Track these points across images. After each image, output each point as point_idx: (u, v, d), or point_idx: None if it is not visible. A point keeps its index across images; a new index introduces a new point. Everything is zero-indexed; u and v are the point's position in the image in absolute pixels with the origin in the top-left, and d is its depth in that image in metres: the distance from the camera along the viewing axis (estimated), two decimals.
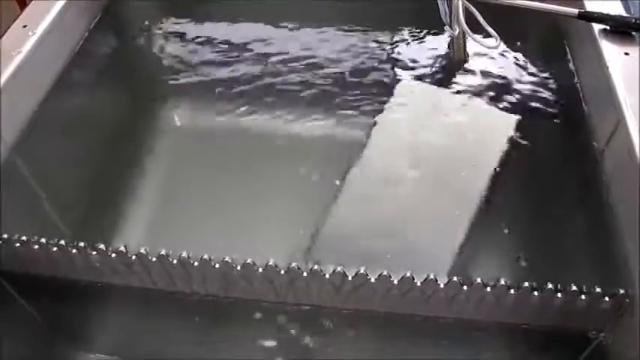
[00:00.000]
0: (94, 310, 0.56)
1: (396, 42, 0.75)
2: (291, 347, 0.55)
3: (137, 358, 0.57)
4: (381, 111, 0.67)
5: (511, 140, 0.63)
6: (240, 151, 0.68)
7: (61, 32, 0.63)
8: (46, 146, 0.60)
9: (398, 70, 0.72)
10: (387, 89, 0.69)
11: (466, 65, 0.70)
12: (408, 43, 0.74)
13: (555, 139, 0.64)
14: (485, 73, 0.69)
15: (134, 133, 0.72)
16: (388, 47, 0.75)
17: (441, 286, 0.44)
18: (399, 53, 0.73)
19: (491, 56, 0.71)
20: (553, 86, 0.67)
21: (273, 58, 0.75)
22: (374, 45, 0.75)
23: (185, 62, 0.75)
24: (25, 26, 0.60)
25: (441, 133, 0.65)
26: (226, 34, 0.77)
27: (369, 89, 0.71)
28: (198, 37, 0.77)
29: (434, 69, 0.71)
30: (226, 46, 0.76)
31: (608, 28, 0.58)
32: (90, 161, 0.65)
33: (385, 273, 0.44)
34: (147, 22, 0.78)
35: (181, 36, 0.77)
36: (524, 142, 0.63)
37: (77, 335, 0.59)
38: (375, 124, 0.66)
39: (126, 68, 0.77)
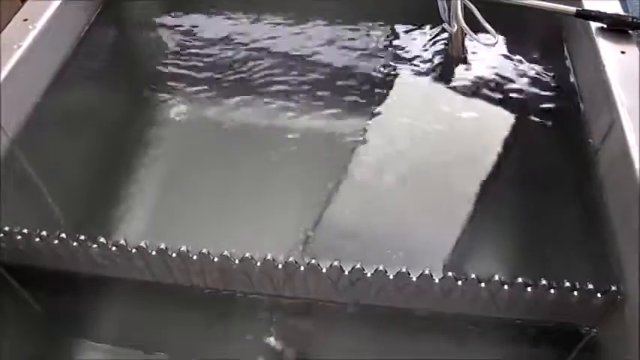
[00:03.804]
0: (95, 302, 0.57)
1: (395, 38, 0.75)
2: (288, 340, 0.55)
3: (137, 347, 0.58)
4: (379, 107, 0.68)
5: (507, 137, 0.64)
6: (239, 146, 0.68)
7: (61, 26, 0.63)
8: (47, 139, 0.60)
9: (396, 67, 0.72)
10: (385, 85, 0.70)
11: (464, 62, 0.71)
12: (407, 40, 0.75)
13: (551, 136, 0.65)
14: (482, 71, 0.70)
15: (134, 126, 0.72)
16: (387, 43, 0.75)
17: (436, 281, 0.45)
18: (397, 50, 0.74)
19: (489, 53, 0.71)
20: (550, 84, 0.67)
21: (273, 54, 0.75)
22: (373, 41, 0.75)
23: (184, 56, 0.75)
24: (25, 20, 0.60)
25: (438, 129, 0.65)
26: (225, 29, 0.77)
27: (368, 85, 0.71)
28: (196, 31, 0.77)
29: (432, 66, 0.71)
30: (225, 40, 0.76)
31: (605, 26, 0.59)
32: (90, 154, 0.66)
33: (381, 268, 0.45)
34: (146, 16, 0.78)
35: (180, 30, 0.78)
36: (520, 139, 0.64)
37: (78, 326, 0.60)
38: (373, 120, 0.66)
39: (125, 61, 0.77)
